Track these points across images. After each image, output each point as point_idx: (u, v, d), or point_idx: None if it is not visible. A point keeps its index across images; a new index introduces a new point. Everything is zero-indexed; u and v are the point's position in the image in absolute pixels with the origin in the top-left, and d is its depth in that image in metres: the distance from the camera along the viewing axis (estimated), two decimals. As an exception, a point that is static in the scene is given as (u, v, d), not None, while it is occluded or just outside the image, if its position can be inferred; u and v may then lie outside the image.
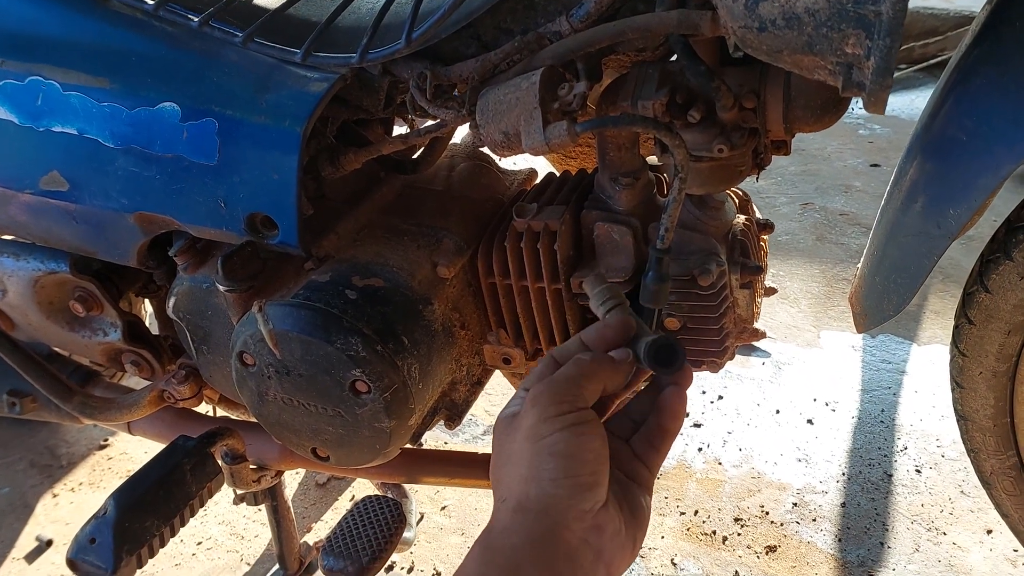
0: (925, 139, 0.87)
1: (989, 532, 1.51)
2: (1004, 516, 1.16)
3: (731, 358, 1.06)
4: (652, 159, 1.03)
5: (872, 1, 0.61)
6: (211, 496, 1.08)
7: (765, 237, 1.09)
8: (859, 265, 1.02)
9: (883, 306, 0.97)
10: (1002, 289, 0.93)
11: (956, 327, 1.02)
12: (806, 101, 0.83)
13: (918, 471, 1.66)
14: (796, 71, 0.70)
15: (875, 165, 3.02)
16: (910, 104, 3.54)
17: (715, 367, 1.04)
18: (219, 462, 1.11)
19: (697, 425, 1.82)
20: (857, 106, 2.87)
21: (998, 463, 1.10)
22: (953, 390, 1.08)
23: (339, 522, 1.10)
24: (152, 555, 1.00)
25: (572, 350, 0.66)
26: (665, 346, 0.63)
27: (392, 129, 1.19)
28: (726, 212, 0.98)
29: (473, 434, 1.87)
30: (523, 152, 0.81)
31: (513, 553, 0.54)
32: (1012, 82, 0.75)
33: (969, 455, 1.13)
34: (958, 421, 1.10)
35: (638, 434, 0.66)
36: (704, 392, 1.92)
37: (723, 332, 0.99)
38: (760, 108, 0.84)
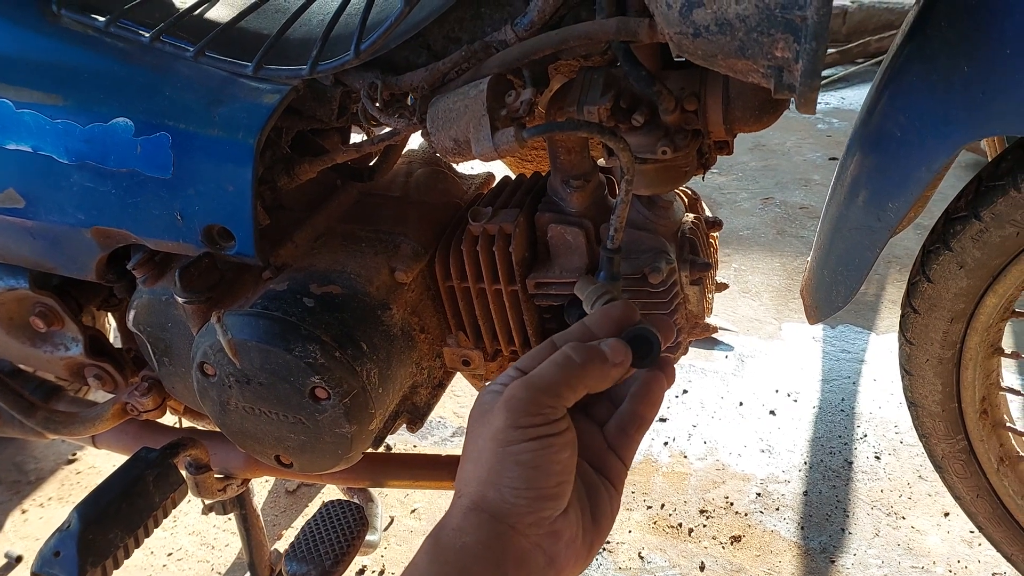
0: (863, 134, 0.90)
1: (946, 515, 1.55)
2: (957, 499, 1.19)
3: (684, 353, 1.08)
4: (603, 161, 1.05)
5: (798, 6, 0.63)
6: (175, 506, 1.08)
7: (715, 234, 1.12)
8: (808, 259, 1.04)
9: (832, 298, 0.99)
10: (943, 278, 0.96)
11: (903, 316, 1.05)
12: (744, 103, 0.85)
13: (877, 458, 1.70)
14: (731, 74, 0.72)
15: (833, 159, 3.07)
16: (867, 98, 3.60)
17: (669, 363, 1.06)
18: (183, 472, 1.12)
19: (663, 420, 1.85)
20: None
21: (948, 447, 1.13)
22: (903, 377, 1.10)
23: (302, 528, 1.11)
24: (117, 566, 1.01)
25: (573, 336, 0.62)
26: (639, 336, 0.60)
27: (349, 137, 1.20)
28: (675, 211, 1.00)
29: (442, 436, 1.88)
30: (474, 158, 0.83)
31: (463, 553, 0.54)
32: (939, 79, 0.78)
33: (921, 440, 1.15)
34: (909, 408, 1.13)
35: (612, 420, 0.63)
36: (669, 387, 1.94)
37: (675, 328, 1.01)
38: (701, 110, 0.86)
